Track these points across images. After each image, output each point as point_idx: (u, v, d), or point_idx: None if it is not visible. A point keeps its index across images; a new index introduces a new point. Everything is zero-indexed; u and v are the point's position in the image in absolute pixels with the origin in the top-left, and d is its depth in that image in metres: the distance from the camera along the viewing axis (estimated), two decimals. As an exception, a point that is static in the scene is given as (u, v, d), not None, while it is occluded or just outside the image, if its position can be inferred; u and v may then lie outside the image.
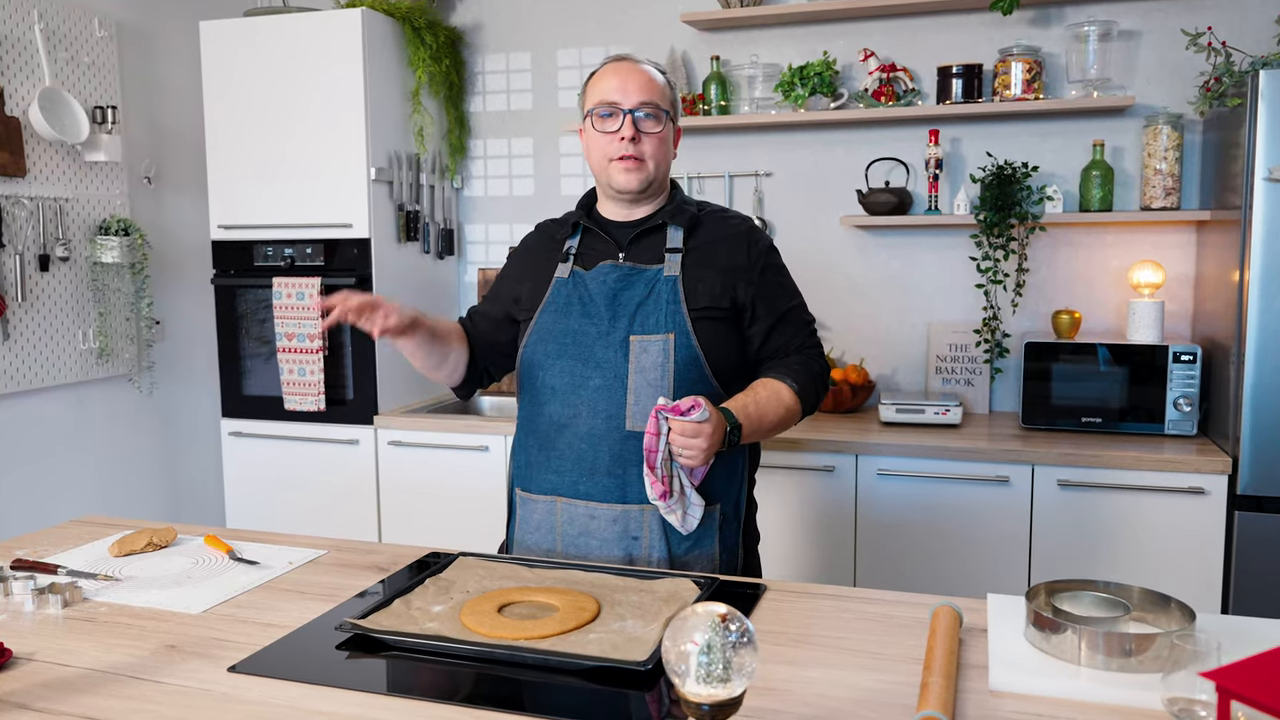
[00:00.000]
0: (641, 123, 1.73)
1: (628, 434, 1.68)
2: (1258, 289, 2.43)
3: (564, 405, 1.72)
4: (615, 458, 1.69)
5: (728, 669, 0.90)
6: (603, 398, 1.70)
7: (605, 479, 1.70)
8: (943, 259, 3.18)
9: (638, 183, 1.75)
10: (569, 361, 1.73)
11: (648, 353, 1.69)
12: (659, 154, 1.76)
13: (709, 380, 1.72)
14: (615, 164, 1.74)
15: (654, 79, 1.76)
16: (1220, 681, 0.85)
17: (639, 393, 1.68)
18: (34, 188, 2.93)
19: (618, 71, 1.75)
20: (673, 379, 1.68)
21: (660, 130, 1.75)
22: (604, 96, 1.74)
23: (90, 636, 1.36)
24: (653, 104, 1.74)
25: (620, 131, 1.72)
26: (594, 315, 1.73)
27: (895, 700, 1.14)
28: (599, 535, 1.70)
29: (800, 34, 3.26)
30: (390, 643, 1.29)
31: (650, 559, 1.69)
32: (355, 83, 3.12)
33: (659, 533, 1.69)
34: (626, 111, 1.72)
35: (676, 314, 1.70)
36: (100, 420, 3.23)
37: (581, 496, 1.71)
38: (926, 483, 2.69)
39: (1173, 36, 2.91)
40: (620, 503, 1.69)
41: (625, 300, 1.72)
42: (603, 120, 1.74)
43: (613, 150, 1.74)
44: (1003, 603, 1.38)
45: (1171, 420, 2.71)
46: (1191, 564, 2.52)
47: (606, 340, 1.71)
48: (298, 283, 3.16)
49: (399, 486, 3.18)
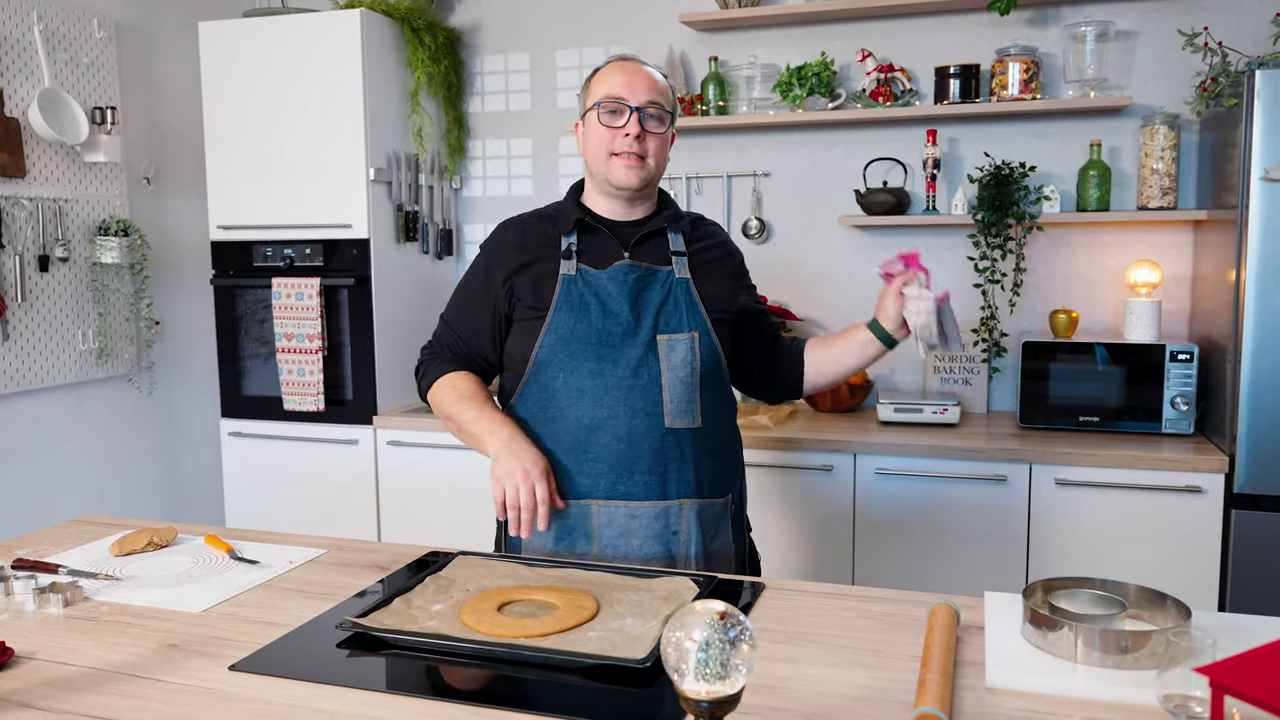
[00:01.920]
0: (648, 121, 1.74)
1: (667, 431, 1.71)
2: (1254, 288, 2.44)
3: (596, 406, 1.70)
4: (656, 455, 1.71)
5: (726, 666, 0.91)
6: (639, 396, 1.70)
7: (646, 476, 1.71)
8: (940, 259, 3.18)
9: (638, 180, 1.75)
10: (596, 362, 1.71)
11: (676, 351, 1.72)
12: (660, 154, 1.78)
13: (724, 375, 1.79)
14: (617, 159, 1.74)
15: (659, 81, 1.78)
16: (1214, 677, 0.86)
17: (673, 389, 1.71)
18: (33, 188, 2.93)
19: (625, 70, 1.76)
20: (699, 377, 1.73)
21: (664, 131, 1.77)
22: (611, 91, 1.74)
23: (92, 635, 1.36)
24: (659, 104, 1.75)
25: (626, 128, 1.73)
26: (617, 314, 1.72)
27: (893, 697, 1.15)
28: (640, 534, 1.71)
29: (798, 34, 3.27)
30: (391, 641, 1.30)
31: (688, 553, 1.73)
32: (354, 83, 3.12)
33: (695, 525, 1.73)
34: (634, 109, 1.73)
35: (696, 314, 1.75)
36: (100, 420, 3.24)
37: (621, 497, 1.71)
38: (925, 482, 2.70)
39: (1169, 37, 2.92)
40: (660, 499, 1.72)
41: (646, 300, 1.73)
42: (610, 115, 1.74)
43: (617, 145, 1.74)
44: (1000, 600, 1.39)
45: (1168, 419, 2.72)
46: (1189, 562, 2.53)
47: (634, 340, 1.71)
48: (297, 283, 3.16)
49: (398, 486, 3.19)
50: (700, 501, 1.74)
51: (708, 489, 1.76)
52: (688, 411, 1.72)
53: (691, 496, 1.73)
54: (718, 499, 1.78)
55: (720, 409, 1.79)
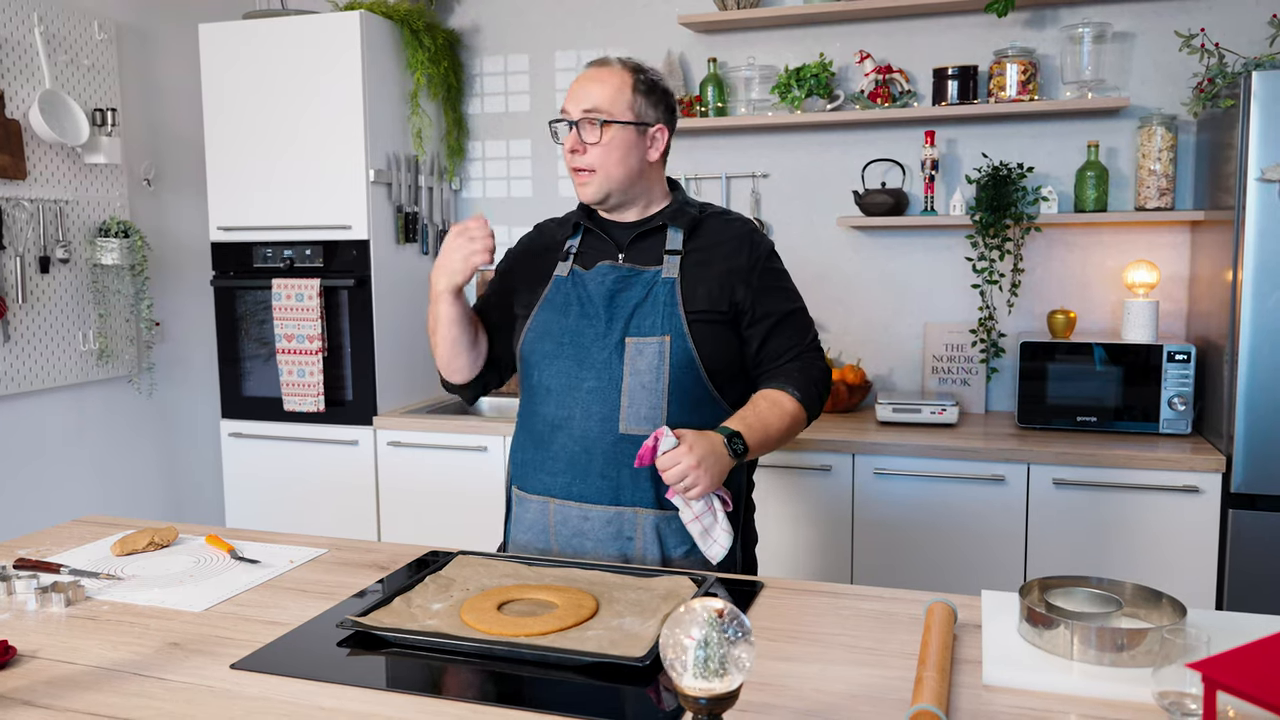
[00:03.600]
0: (582, 131, 1.70)
1: (621, 436, 1.68)
2: (1251, 288, 2.45)
3: (559, 406, 1.72)
4: (609, 460, 1.68)
5: (724, 664, 0.91)
6: (596, 400, 1.69)
7: (599, 480, 1.69)
8: (939, 259, 3.19)
9: (591, 194, 1.74)
10: (565, 362, 1.72)
11: (643, 355, 1.68)
12: (608, 161, 1.70)
13: (704, 384, 1.71)
14: (573, 176, 1.75)
15: (605, 84, 1.71)
16: (1207, 672, 0.87)
17: (633, 395, 1.67)
18: (34, 190, 2.94)
19: (578, 79, 1.74)
20: (668, 382, 1.67)
21: (600, 139, 1.69)
22: (563, 106, 1.74)
23: (93, 634, 1.37)
24: (594, 110, 1.69)
25: (567, 144, 1.72)
26: (591, 315, 1.72)
27: (890, 695, 1.16)
28: (593, 536, 1.70)
29: (797, 36, 3.28)
30: (391, 640, 1.31)
31: (645, 560, 1.69)
32: (354, 85, 3.13)
33: (652, 535, 1.68)
34: (571, 123, 1.71)
35: (673, 316, 1.69)
36: (100, 421, 3.24)
37: (575, 498, 1.71)
38: (923, 482, 2.70)
39: (1166, 38, 2.93)
40: (614, 504, 1.69)
41: (622, 301, 1.71)
42: (558, 133, 1.75)
43: (569, 162, 1.74)
44: (997, 599, 1.40)
45: (1166, 419, 2.72)
46: (1186, 562, 2.53)
47: (603, 341, 1.71)
48: (297, 284, 3.17)
49: (398, 487, 3.19)
50: (660, 513, 1.68)
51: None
52: (647, 418, 1.66)
53: (648, 506, 1.68)
54: None
55: (700, 419, 1.68)
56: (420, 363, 3.44)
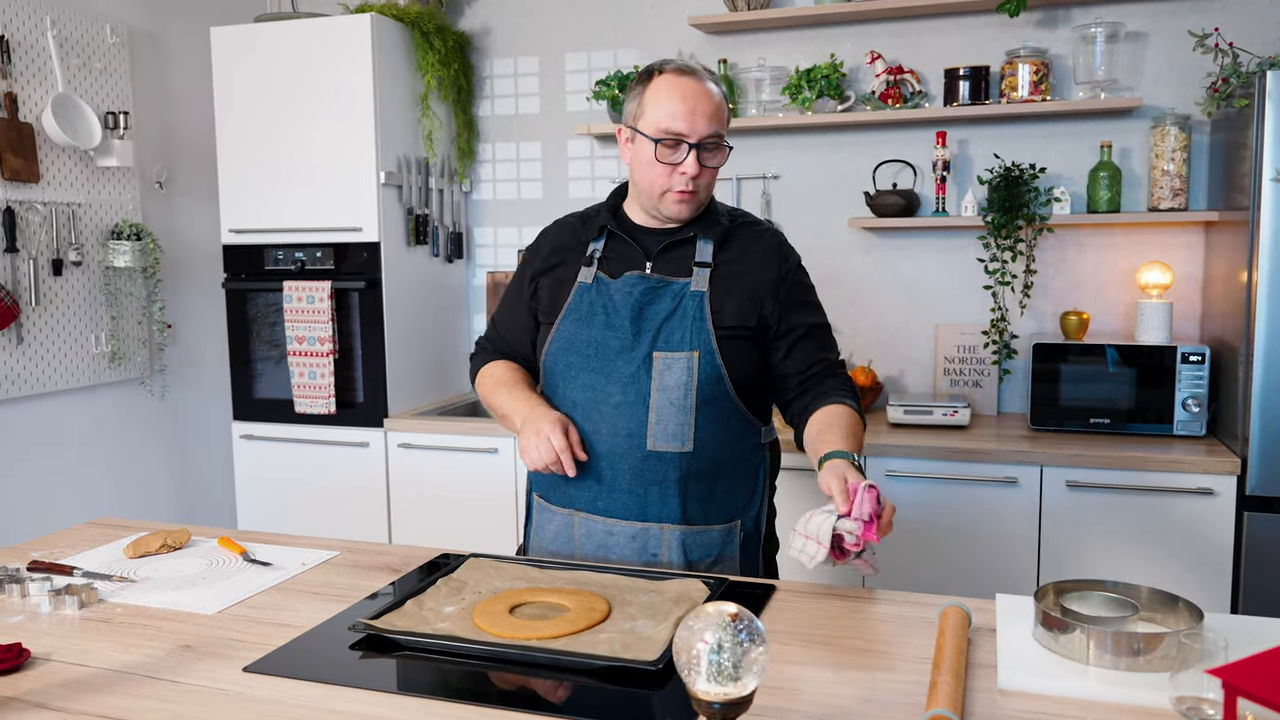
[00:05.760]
0: (705, 155, 1.66)
1: (649, 453, 1.65)
2: (1266, 289, 2.43)
3: (584, 420, 1.69)
4: (636, 476, 1.66)
5: (738, 668, 0.91)
6: (623, 415, 1.66)
7: (625, 496, 1.68)
8: (950, 261, 3.18)
9: (690, 213, 1.71)
10: (590, 375, 1.69)
11: (671, 370, 1.65)
12: (712, 180, 1.71)
13: (731, 397, 1.69)
14: (670, 195, 1.68)
15: (718, 102, 1.67)
16: (1226, 678, 0.86)
17: (661, 412, 1.65)
18: (47, 193, 2.95)
19: (685, 96, 1.64)
20: (695, 397, 1.65)
21: (719, 160, 1.69)
22: (671, 126, 1.63)
23: (106, 637, 1.37)
24: (717, 134, 1.66)
25: (683, 166, 1.64)
26: (617, 327, 1.68)
27: (904, 699, 1.15)
28: (617, 551, 1.68)
29: (807, 37, 3.27)
30: (403, 643, 1.30)
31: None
32: (365, 87, 3.13)
33: (678, 550, 1.67)
34: (692, 146, 1.64)
35: (702, 331, 1.66)
36: (112, 423, 3.25)
37: (600, 512, 1.69)
38: (935, 484, 2.69)
39: (1180, 38, 2.91)
40: (640, 520, 1.67)
41: (650, 314, 1.68)
42: (668, 151, 1.64)
43: (673, 183, 1.66)
44: (1011, 603, 1.39)
45: (1180, 421, 2.71)
46: (1201, 565, 2.52)
47: (630, 355, 1.67)
48: (308, 286, 3.18)
49: (409, 488, 3.20)
50: (687, 528, 1.67)
51: (699, 516, 1.68)
52: (676, 435, 1.65)
53: (675, 522, 1.66)
54: (717, 525, 1.70)
55: (727, 432, 1.69)
56: (431, 365, 3.45)
